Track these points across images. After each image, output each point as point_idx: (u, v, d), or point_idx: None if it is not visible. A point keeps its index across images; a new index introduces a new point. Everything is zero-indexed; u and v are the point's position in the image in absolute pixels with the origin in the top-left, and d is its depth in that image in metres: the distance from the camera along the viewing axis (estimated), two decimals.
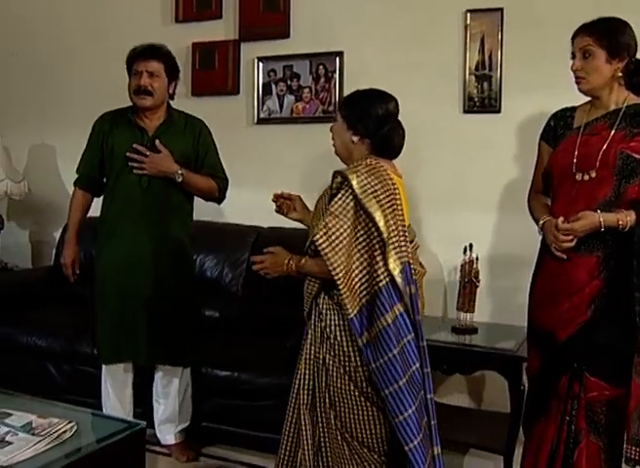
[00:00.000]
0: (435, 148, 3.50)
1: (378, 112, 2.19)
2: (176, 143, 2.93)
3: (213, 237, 3.66)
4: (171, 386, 2.99)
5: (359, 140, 2.21)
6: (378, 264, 2.02)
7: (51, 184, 4.52)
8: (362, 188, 2.03)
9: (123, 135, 2.90)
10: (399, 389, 2.02)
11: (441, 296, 3.54)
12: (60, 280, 3.76)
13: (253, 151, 3.88)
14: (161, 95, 2.90)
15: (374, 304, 2.01)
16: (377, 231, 2.03)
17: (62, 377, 3.41)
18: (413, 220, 3.30)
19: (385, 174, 2.10)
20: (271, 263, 2.17)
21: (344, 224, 2.02)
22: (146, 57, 2.88)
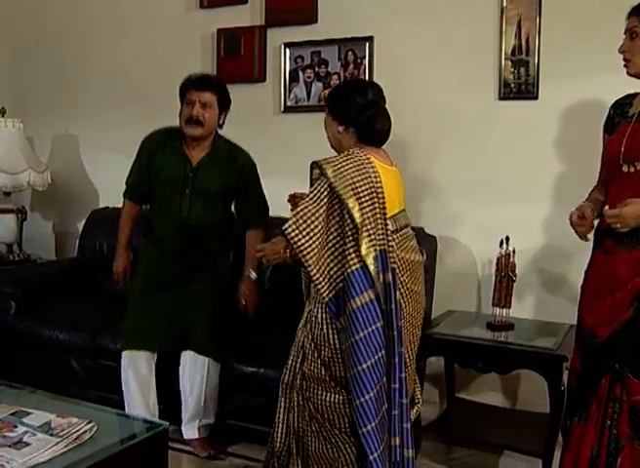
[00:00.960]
0: (469, 137, 3.42)
1: (357, 101, 2.30)
2: (216, 175, 3.00)
3: None
4: (196, 381, 2.94)
5: (344, 130, 2.32)
6: (349, 250, 2.10)
7: (74, 174, 4.52)
8: (337, 177, 2.11)
9: (168, 160, 3.00)
10: (361, 372, 2.09)
11: (474, 291, 3.47)
12: (84, 272, 4.02)
13: (280, 140, 3.83)
14: (211, 125, 2.97)
15: (346, 288, 2.09)
16: (350, 218, 2.10)
17: (85, 372, 3.36)
18: (444, 212, 3.34)
19: (367, 162, 2.18)
20: (270, 250, 2.35)
21: (317, 212, 2.10)
22: (200, 87, 2.94)
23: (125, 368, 2.97)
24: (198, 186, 2.96)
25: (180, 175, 2.98)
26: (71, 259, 4.20)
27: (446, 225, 3.44)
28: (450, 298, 3.38)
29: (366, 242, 2.11)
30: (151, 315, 2.98)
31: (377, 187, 2.16)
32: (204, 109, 2.93)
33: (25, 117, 4.35)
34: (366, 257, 2.11)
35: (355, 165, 2.16)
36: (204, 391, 2.95)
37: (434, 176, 3.48)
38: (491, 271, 3.22)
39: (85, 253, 4.10)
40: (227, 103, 3.02)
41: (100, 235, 4.03)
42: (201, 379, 2.94)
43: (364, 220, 2.11)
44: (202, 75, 2.99)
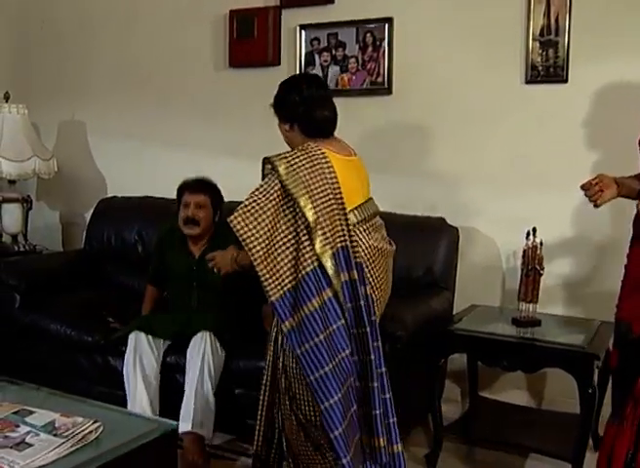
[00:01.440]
0: (493, 123, 3.36)
1: (294, 98, 2.38)
2: None
3: None
4: (193, 356, 2.94)
5: (290, 128, 2.39)
6: (305, 249, 2.13)
7: (81, 162, 4.51)
8: (289, 175, 2.16)
9: (175, 256, 3.31)
10: (324, 375, 2.11)
11: (498, 284, 3.42)
12: (92, 264, 4.00)
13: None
14: (207, 223, 3.24)
15: (299, 289, 2.11)
16: (303, 216, 2.13)
17: (94, 369, 3.30)
18: (466, 201, 3.43)
19: (321, 157, 2.22)
20: (220, 259, 2.48)
21: (265, 206, 2.13)
22: (194, 190, 3.24)
23: (128, 354, 3.02)
24: (203, 278, 3.17)
25: (185, 269, 3.25)
26: (78, 251, 4.19)
27: (468, 215, 3.39)
28: (472, 293, 3.34)
29: (321, 240, 2.13)
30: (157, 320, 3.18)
31: (332, 183, 2.20)
32: (199, 210, 3.20)
33: (30, 103, 4.32)
34: (321, 256, 2.13)
35: (308, 160, 2.20)
36: (197, 388, 2.88)
37: (456, 164, 3.44)
38: (516, 264, 3.19)
39: (92, 245, 4.08)
40: (220, 202, 3.29)
41: (108, 225, 4.02)
42: (199, 353, 2.91)
43: (317, 218, 2.14)
44: (196, 179, 3.27)
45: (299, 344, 2.14)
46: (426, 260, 3.17)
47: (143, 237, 3.90)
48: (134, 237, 3.93)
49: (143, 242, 3.89)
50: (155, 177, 4.04)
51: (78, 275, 3.90)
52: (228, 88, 3.93)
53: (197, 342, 2.97)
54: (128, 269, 3.91)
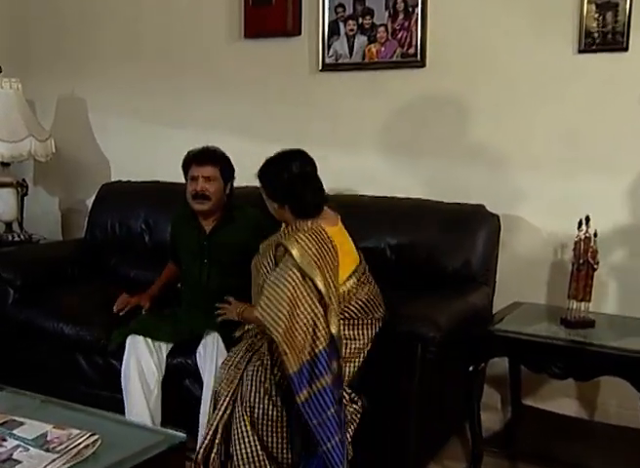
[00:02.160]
0: (541, 97, 3.29)
1: (283, 178, 2.64)
2: (230, 239, 3.23)
3: None
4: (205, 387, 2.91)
5: (280, 207, 2.67)
6: (321, 325, 2.42)
7: (82, 143, 4.51)
8: (302, 256, 2.46)
9: (186, 232, 3.36)
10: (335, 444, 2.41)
11: (544, 279, 3.37)
12: (94, 255, 4.00)
13: (317, 104, 3.79)
14: (218, 197, 3.22)
15: (315, 364, 2.40)
16: (319, 295, 2.43)
17: (94, 371, 3.30)
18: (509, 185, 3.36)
19: (325, 236, 2.54)
20: (227, 309, 2.94)
21: (284, 294, 2.42)
22: (201, 162, 3.20)
23: (127, 359, 3.01)
24: (214, 254, 3.23)
25: (196, 245, 3.27)
26: (79, 241, 4.18)
27: (511, 202, 3.35)
28: (515, 289, 3.31)
29: (333, 316, 2.45)
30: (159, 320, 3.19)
31: (335, 262, 2.53)
32: (208, 183, 3.18)
33: (25, 77, 4.32)
34: (335, 332, 2.45)
35: (317, 241, 2.51)
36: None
37: (498, 144, 3.39)
38: (565, 256, 3.17)
39: (95, 234, 4.08)
40: (231, 173, 3.27)
41: (112, 213, 4.01)
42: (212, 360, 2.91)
43: (331, 296, 2.46)
44: (202, 149, 3.23)
45: (313, 416, 2.40)
46: (463, 252, 3.15)
47: (151, 226, 3.89)
48: (140, 226, 3.92)
49: (151, 231, 3.88)
50: (164, 160, 3.98)
51: (79, 267, 3.89)
52: (244, 61, 3.93)
53: (208, 348, 2.95)
54: (134, 261, 3.91)
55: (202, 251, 3.27)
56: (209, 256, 3.26)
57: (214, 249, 3.23)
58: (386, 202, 3.40)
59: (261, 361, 2.59)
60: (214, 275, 3.25)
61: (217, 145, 3.26)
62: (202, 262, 3.27)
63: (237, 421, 2.55)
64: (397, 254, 3.24)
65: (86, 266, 3.93)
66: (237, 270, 3.14)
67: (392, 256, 3.24)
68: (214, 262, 3.25)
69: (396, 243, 3.24)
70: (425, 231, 3.18)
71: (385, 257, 3.23)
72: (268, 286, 2.48)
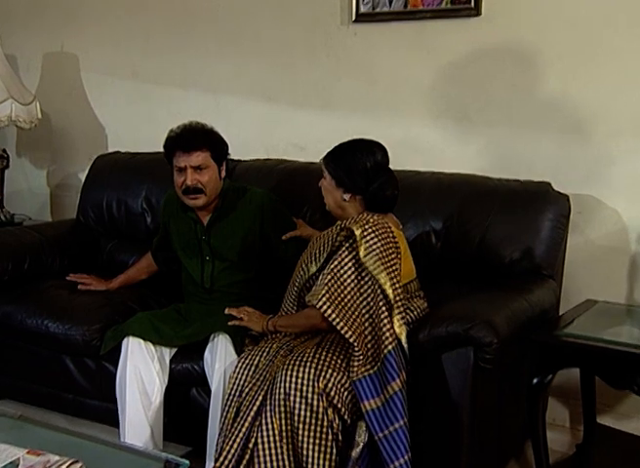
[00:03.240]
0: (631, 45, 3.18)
1: (365, 165, 2.75)
2: (232, 231, 3.25)
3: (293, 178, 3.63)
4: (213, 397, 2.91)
5: (351, 198, 2.79)
6: (385, 327, 2.55)
7: (73, 107, 4.53)
8: (367, 250, 2.60)
9: (181, 226, 3.35)
10: (408, 460, 2.48)
11: (624, 273, 3.31)
12: (87, 239, 4.04)
13: (349, 61, 3.79)
14: (214, 187, 3.21)
15: (385, 367, 2.51)
16: (382, 294, 2.57)
17: (84, 377, 3.29)
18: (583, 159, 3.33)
19: (390, 231, 2.67)
20: (249, 319, 2.94)
21: (348, 286, 2.61)
22: (188, 148, 3.14)
23: (122, 362, 2.99)
24: (215, 249, 3.26)
25: (193, 240, 3.29)
26: (70, 222, 4.17)
27: (585, 178, 3.32)
28: (588, 284, 3.31)
29: (398, 319, 2.56)
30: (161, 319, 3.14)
31: (399, 259, 2.67)
32: (199, 174, 3.15)
33: (4, 29, 4.36)
34: (400, 335, 2.55)
35: (381, 235, 2.64)
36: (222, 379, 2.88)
37: (572, 108, 3.33)
38: None
39: (88, 215, 4.08)
40: (224, 152, 3.25)
41: (108, 189, 4.02)
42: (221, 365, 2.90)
43: (396, 296, 2.58)
44: (185, 130, 3.19)
45: (380, 428, 2.49)
46: (525, 239, 3.11)
47: (153, 205, 3.88)
48: (141, 205, 3.93)
49: (153, 211, 3.87)
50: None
51: (69, 254, 3.88)
52: (261, 11, 3.91)
53: (216, 351, 2.94)
54: (133, 247, 3.92)
55: (201, 246, 3.28)
56: (210, 253, 3.26)
57: (215, 243, 3.23)
58: (431, 178, 3.37)
59: (305, 361, 2.60)
60: (218, 273, 3.26)
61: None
62: (203, 260, 3.28)
63: (264, 430, 2.56)
64: (444, 241, 3.21)
65: (77, 253, 3.93)
66: (245, 265, 3.24)
67: (437, 244, 3.22)
68: (217, 259, 3.26)
69: (442, 227, 3.21)
70: (479, 213, 3.15)
71: (429, 245, 3.22)
72: (331, 277, 2.62)
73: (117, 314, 3.29)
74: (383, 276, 2.58)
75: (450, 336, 2.57)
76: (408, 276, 2.79)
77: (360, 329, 2.59)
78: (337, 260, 2.64)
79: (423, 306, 2.82)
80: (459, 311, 2.67)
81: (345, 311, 2.59)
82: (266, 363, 2.70)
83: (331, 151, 2.85)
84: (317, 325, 2.70)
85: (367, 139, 2.83)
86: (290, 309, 2.91)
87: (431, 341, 2.59)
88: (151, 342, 3.00)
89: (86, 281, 3.54)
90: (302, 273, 2.84)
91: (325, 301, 2.57)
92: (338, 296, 2.59)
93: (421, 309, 2.80)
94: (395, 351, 2.52)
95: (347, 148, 2.82)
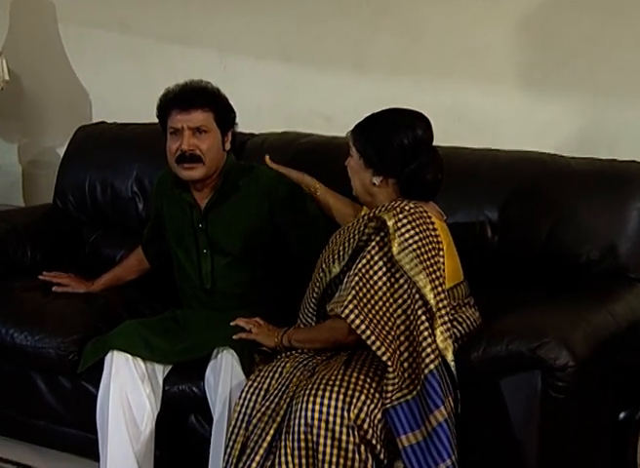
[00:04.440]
0: None
1: (402, 142, 2.65)
2: (236, 217, 3.21)
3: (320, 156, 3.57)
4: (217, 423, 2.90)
5: (382, 182, 2.70)
6: (426, 341, 2.45)
7: (49, 68, 4.52)
8: (402, 245, 2.51)
9: (175, 212, 3.31)
10: None
11: None
12: (66, 228, 3.99)
13: (389, 11, 3.74)
14: (215, 158, 3.15)
15: (427, 391, 2.41)
16: (421, 299, 2.48)
17: (58, 400, 3.27)
18: None
19: (430, 221, 2.59)
20: (260, 334, 2.87)
21: (379, 290, 2.52)
22: (186, 105, 3.11)
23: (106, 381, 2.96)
24: (214, 240, 3.22)
25: (188, 227, 3.25)
26: (45, 208, 4.15)
27: None
28: None
29: (442, 331, 2.47)
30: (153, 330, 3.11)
31: (441, 255, 2.59)
32: (198, 138, 3.10)
33: None
34: (445, 351, 2.46)
35: (419, 226, 2.55)
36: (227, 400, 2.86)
37: None
38: None
39: (67, 199, 4.03)
40: (231, 119, 3.22)
41: (91, 168, 3.97)
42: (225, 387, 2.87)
43: (438, 302, 2.49)
44: (185, 86, 3.17)
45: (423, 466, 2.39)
46: (607, 233, 3.05)
47: (146, 188, 3.84)
48: (131, 188, 3.89)
49: (146, 196, 3.84)
50: None
51: (42, 247, 3.84)
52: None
53: (219, 370, 2.90)
54: (120, 238, 3.91)
55: (197, 237, 3.23)
56: (208, 244, 3.22)
57: (214, 233, 3.19)
58: (487, 157, 3.32)
59: (331, 385, 2.50)
60: (220, 270, 3.22)
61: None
62: (200, 253, 3.23)
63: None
64: (502, 235, 3.16)
65: (53, 246, 3.89)
66: (252, 260, 3.20)
67: (495, 238, 3.17)
68: (216, 252, 3.22)
69: (501, 218, 3.16)
70: (547, 201, 3.09)
71: (484, 239, 3.18)
72: (359, 279, 2.53)
73: (100, 322, 3.25)
74: (423, 278, 2.48)
75: (512, 357, 2.51)
76: (454, 278, 2.69)
77: (394, 343, 2.49)
78: (365, 258, 2.55)
79: (474, 316, 2.74)
80: (522, 325, 2.60)
81: (377, 321, 2.49)
82: (279, 387, 2.62)
83: (360, 123, 2.76)
84: (342, 340, 2.62)
85: (405, 109, 2.74)
86: (309, 320, 2.82)
87: (487, 362, 2.52)
88: (141, 358, 2.95)
89: (62, 281, 3.49)
90: (323, 275, 2.74)
91: (352, 309, 2.47)
92: (367, 303, 2.50)
93: (472, 320, 2.71)
94: (439, 371, 2.42)
95: (380, 120, 2.75)
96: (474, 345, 2.56)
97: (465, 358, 2.52)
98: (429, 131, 2.71)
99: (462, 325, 2.64)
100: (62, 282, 3.49)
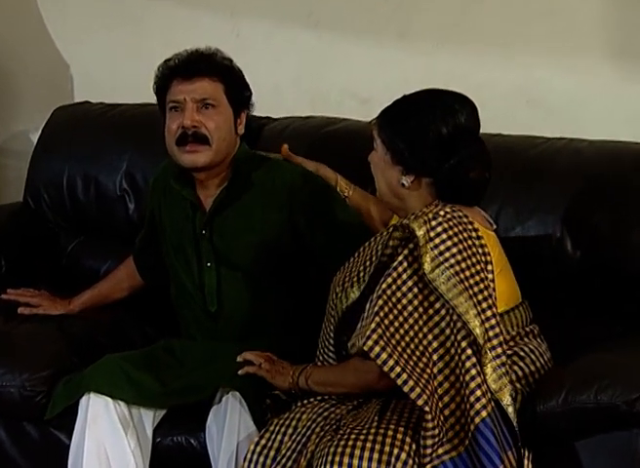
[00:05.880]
0: None
1: (440, 132, 2.52)
2: (248, 221, 3.15)
3: None
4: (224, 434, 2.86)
5: (414, 182, 2.57)
6: (473, 381, 2.32)
7: (23, 36, 4.50)
8: (436, 260, 2.38)
9: (173, 210, 3.25)
10: None
11: None
12: (41, 234, 3.96)
13: None
14: (225, 140, 3.07)
15: (478, 446, 2.30)
16: (464, 328, 2.36)
17: (22, 451, 3.17)
18: None
19: (471, 228, 2.48)
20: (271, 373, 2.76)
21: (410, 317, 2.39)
22: (189, 73, 3.04)
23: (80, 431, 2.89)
24: (222, 250, 3.14)
25: (190, 235, 3.18)
26: (13, 207, 4.12)
27: None
28: None
29: (494, 368, 2.36)
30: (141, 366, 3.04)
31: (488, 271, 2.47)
32: (203, 113, 3.03)
33: None
34: (501, 395, 2.35)
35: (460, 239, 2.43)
36: None
37: None
38: None
39: (40, 196, 3.98)
40: (246, 95, 3.16)
41: (70, 159, 3.92)
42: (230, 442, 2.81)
43: (485, 333, 2.37)
44: (189, 53, 3.12)
45: None
46: None
47: (138, 184, 3.81)
48: (119, 184, 3.84)
49: (138, 194, 3.80)
50: None
51: (8, 256, 3.80)
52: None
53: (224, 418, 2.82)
54: (106, 247, 3.88)
55: (200, 245, 3.16)
56: (213, 255, 3.15)
57: (221, 240, 3.13)
58: (565, 149, 3.25)
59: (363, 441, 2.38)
60: (227, 289, 3.16)
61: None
62: (202, 267, 3.16)
63: None
64: (586, 249, 3.08)
65: (22, 255, 3.85)
66: (268, 276, 3.14)
67: (577, 253, 3.08)
68: (223, 265, 3.15)
69: (584, 227, 3.09)
70: None
71: (561, 254, 3.10)
72: (383, 302, 2.40)
73: (76, 355, 3.20)
74: (464, 301, 2.37)
75: (602, 410, 2.42)
76: (508, 299, 2.60)
77: (431, 384, 2.36)
78: (390, 277, 2.42)
79: (541, 349, 2.63)
80: (617, 369, 2.52)
81: (408, 356, 2.36)
82: (294, 446, 2.53)
83: (386, 109, 2.67)
84: (373, 383, 2.51)
85: (443, 90, 2.64)
86: (328, 357, 2.73)
87: (568, 415, 2.43)
88: (124, 402, 2.88)
89: (32, 301, 3.41)
90: (338, 302, 2.64)
91: (376, 339, 2.33)
92: (395, 333, 2.37)
93: (538, 354, 2.60)
94: (492, 420, 2.32)
95: (412, 104, 2.64)
96: (549, 391, 2.46)
97: (536, 407, 2.44)
98: (474, 117, 2.61)
99: (525, 360, 2.55)
100: (32, 302, 3.40)
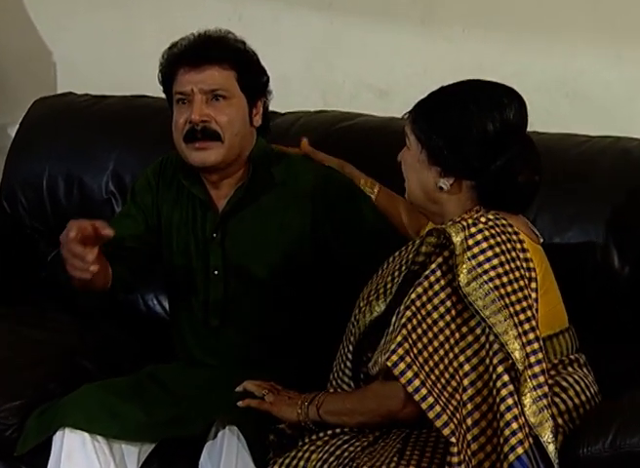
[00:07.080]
0: None
1: (484, 128, 2.50)
2: (267, 229, 3.15)
3: None
4: None
5: (454, 185, 2.55)
6: (510, 412, 2.29)
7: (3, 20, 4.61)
8: (473, 272, 2.37)
9: (175, 214, 3.22)
10: None
11: None
12: (17, 241, 4.06)
13: None
14: (239, 134, 3.06)
15: None
16: (501, 350, 2.34)
17: None
18: None
19: (517, 239, 2.47)
20: (276, 404, 2.73)
21: (440, 334, 2.37)
22: (196, 62, 3.03)
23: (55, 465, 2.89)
24: (234, 257, 3.14)
25: (198, 238, 3.18)
26: None
27: None
28: None
29: (534, 398, 2.33)
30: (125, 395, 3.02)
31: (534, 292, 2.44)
32: (215, 106, 3.02)
33: None
34: (540, 431, 2.32)
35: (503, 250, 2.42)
36: None
37: None
38: None
39: (17, 199, 4.04)
40: (261, 85, 3.15)
41: (51, 157, 3.98)
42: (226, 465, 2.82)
43: (528, 356, 2.35)
44: (198, 37, 3.12)
45: None
46: None
47: (126, 185, 3.83)
48: (105, 186, 3.90)
49: (125, 195, 3.73)
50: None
51: None
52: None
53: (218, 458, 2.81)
54: None
55: (208, 250, 3.15)
56: (223, 263, 3.13)
57: (234, 246, 3.12)
58: (613, 148, 3.25)
59: None
60: (234, 302, 3.15)
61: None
62: (209, 274, 3.14)
63: None
64: (635, 264, 3.09)
65: (13, 267, 3.95)
66: (284, 289, 3.14)
67: (625, 269, 3.09)
68: (233, 275, 3.14)
69: (632, 239, 3.11)
70: None
71: (608, 270, 3.10)
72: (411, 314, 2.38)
73: (54, 381, 3.20)
74: (502, 319, 2.35)
75: None
76: (553, 324, 2.59)
77: (459, 413, 2.34)
78: (421, 286, 2.39)
79: (587, 381, 2.59)
80: None
81: (436, 377, 2.34)
82: None
83: (423, 101, 2.63)
84: (396, 410, 2.45)
85: (489, 82, 2.62)
86: (342, 382, 2.69)
87: (613, 462, 2.40)
88: (104, 437, 2.87)
89: None
90: (361, 316, 2.61)
91: (402, 355, 2.32)
92: (423, 350, 2.36)
93: (584, 386, 2.56)
94: (529, 458, 2.28)
95: (451, 96, 2.62)
96: (595, 431, 2.43)
97: (578, 450, 2.41)
98: (523, 113, 2.57)
99: (568, 392, 2.52)
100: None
